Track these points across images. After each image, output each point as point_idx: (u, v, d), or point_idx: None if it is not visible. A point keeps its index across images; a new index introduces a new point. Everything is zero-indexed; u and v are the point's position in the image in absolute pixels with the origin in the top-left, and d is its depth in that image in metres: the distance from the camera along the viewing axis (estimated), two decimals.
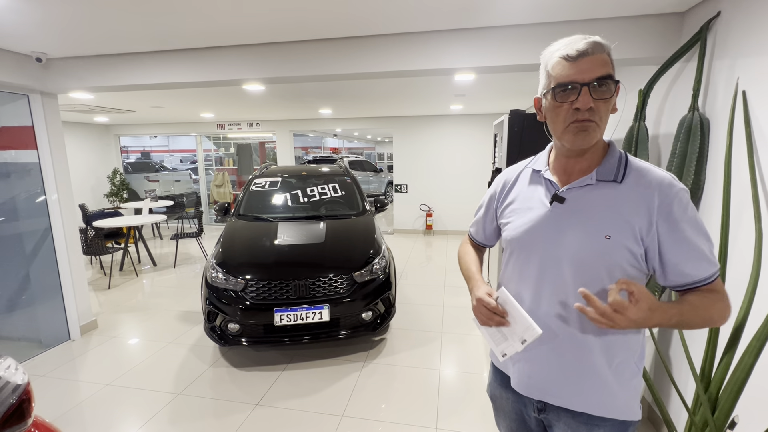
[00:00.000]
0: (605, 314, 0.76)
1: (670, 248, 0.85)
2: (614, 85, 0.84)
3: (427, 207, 7.32)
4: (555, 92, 0.86)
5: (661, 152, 2.12)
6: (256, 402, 2.42)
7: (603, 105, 0.84)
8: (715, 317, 0.85)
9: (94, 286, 4.60)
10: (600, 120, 0.85)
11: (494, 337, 1.00)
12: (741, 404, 1.31)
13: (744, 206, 1.50)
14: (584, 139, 0.86)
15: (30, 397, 1.12)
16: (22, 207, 3.08)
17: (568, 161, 0.95)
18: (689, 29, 1.95)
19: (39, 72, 2.91)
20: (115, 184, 7.90)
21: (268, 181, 3.89)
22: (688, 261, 0.85)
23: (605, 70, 0.82)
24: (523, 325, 0.92)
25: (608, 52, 0.84)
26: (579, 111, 0.83)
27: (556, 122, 0.89)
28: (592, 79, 0.82)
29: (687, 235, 0.84)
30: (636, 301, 0.76)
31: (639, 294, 0.76)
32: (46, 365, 2.88)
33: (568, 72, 0.83)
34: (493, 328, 0.99)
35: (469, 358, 2.91)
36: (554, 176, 0.97)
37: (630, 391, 0.94)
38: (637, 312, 0.75)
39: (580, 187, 0.91)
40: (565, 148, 0.92)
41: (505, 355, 0.97)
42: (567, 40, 0.85)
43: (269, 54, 2.60)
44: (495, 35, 2.29)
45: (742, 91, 1.52)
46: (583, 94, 0.82)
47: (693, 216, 0.85)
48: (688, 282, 0.86)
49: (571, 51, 0.83)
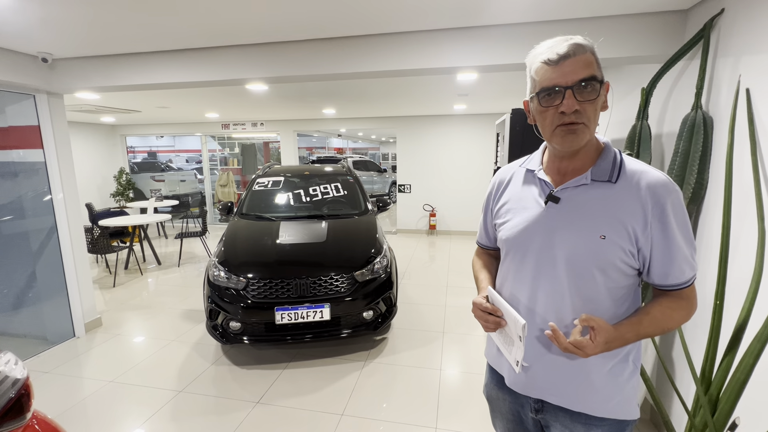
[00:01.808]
0: (568, 349, 0.84)
1: (660, 249, 0.86)
2: (600, 85, 0.83)
3: (431, 207, 7.31)
4: (540, 97, 0.86)
5: (664, 151, 2.10)
6: (256, 400, 2.43)
7: (589, 106, 0.83)
8: (672, 326, 0.90)
9: (99, 285, 4.65)
10: (588, 120, 0.84)
11: (506, 345, 0.98)
12: (742, 405, 1.29)
13: (747, 205, 1.48)
14: (573, 141, 0.86)
15: (29, 391, 1.14)
16: (29, 206, 3.12)
17: (562, 161, 0.95)
18: (692, 27, 1.93)
19: (45, 72, 2.95)
20: (121, 184, 7.98)
21: (270, 180, 3.91)
22: (673, 263, 0.87)
23: (588, 71, 0.82)
24: (513, 322, 0.92)
25: (591, 51, 0.84)
26: (565, 114, 0.83)
27: (544, 126, 0.89)
28: (575, 81, 0.81)
29: (677, 238, 0.85)
30: (594, 337, 0.83)
31: (598, 329, 0.83)
32: (51, 362, 2.91)
33: (550, 76, 0.83)
34: (500, 334, 0.99)
35: (470, 359, 2.90)
36: (548, 176, 0.96)
37: (628, 391, 0.94)
38: (594, 348, 0.83)
39: (574, 187, 0.91)
40: (557, 149, 0.92)
41: (519, 363, 0.92)
42: (549, 43, 0.85)
43: (272, 53, 2.62)
44: (497, 34, 2.29)
45: (746, 88, 1.50)
46: (567, 98, 0.82)
47: (684, 219, 0.86)
48: (669, 283, 0.89)
49: (552, 55, 0.82)
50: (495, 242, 1.14)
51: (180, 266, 5.36)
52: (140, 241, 5.70)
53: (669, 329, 0.90)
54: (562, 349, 0.85)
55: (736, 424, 1.22)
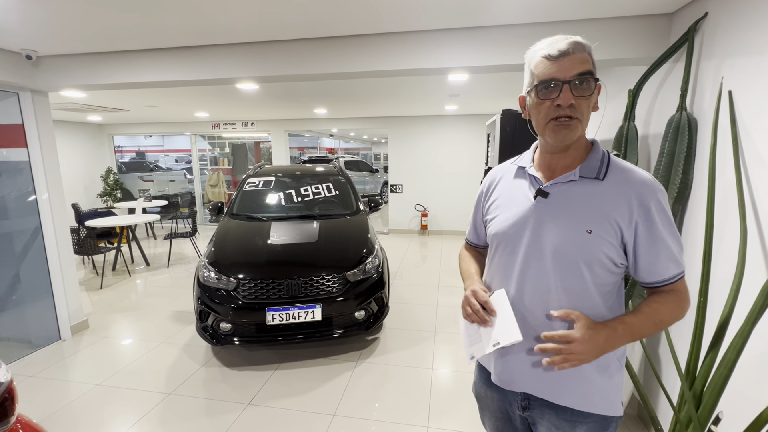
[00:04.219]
0: (562, 351, 0.85)
1: (645, 246, 0.89)
2: (594, 83, 0.87)
3: (422, 207, 7.33)
4: (537, 89, 0.89)
5: (650, 151, 2.14)
6: (247, 401, 2.41)
7: (584, 102, 0.87)
8: (663, 319, 0.90)
9: (86, 286, 4.57)
10: (581, 116, 0.88)
11: (471, 336, 1.01)
12: (725, 400, 1.32)
13: (730, 205, 1.51)
14: (566, 136, 0.89)
15: (13, 395, 1.11)
16: (12, 206, 3.05)
17: (552, 158, 0.97)
18: (677, 30, 1.97)
19: (29, 70, 2.89)
20: (109, 184, 7.85)
21: (261, 180, 3.88)
22: (658, 260, 0.89)
23: (585, 67, 0.86)
24: (505, 328, 0.92)
25: (589, 51, 0.88)
26: (560, 107, 0.87)
27: (539, 118, 0.92)
28: (572, 76, 0.85)
29: (662, 236, 0.88)
30: (575, 324, 0.86)
31: (576, 316, 0.86)
32: (36, 365, 2.85)
33: (549, 70, 0.87)
34: (474, 325, 1.00)
35: (462, 358, 2.92)
36: (538, 172, 0.99)
37: (612, 387, 0.96)
38: (579, 330, 0.85)
39: (563, 182, 0.94)
40: (549, 144, 0.94)
41: (473, 358, 1.01)
42: (549, 40, 0.89)
43: (263, 53, 2.60)
44: (489, 35, 2.30)
45: (729, 90, 1.54)
46: (564, 91, 0.86)
47: (669, 217, 0.89)
48: (655, 280, 0.91)
49: (553, 51, 0.86)
50: (484, 240, 1.16)
51: (169, 267, 5.29)
52: (128, 242, 5.61)
53: (661, 323, 0.90)
54: (555, 351, 0.85)
55: (720, 418, 1.24)
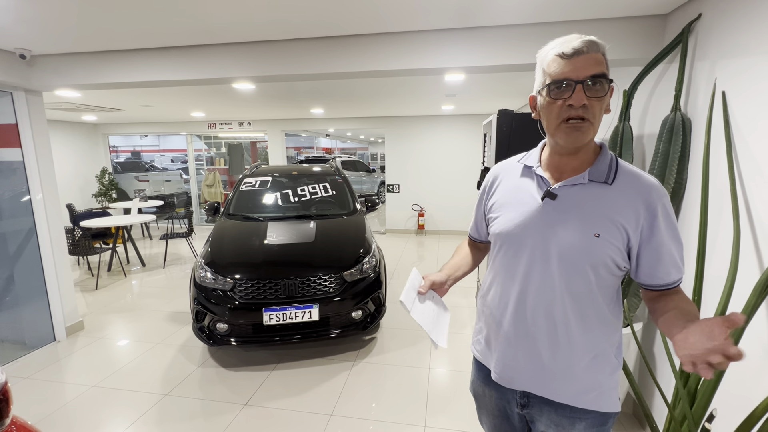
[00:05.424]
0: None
1: (648, 251, 0.89)
2: (608, 84, 0.85)
3: (419, 207, 7.34)
4: (550, 89, 0.87)
5: (645, 151, 2.15)
6: (244, 402, 2.40)
7: (597, 103, 0.85)
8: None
9: (81, 287, 4.53)
10: (593, 118, 0.86)
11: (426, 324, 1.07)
12: (718, 398, 1.34)
13: (724, 204, 1.53)
14: (577, 138, 0.87)
15: (8, 397, 1.11)
16: (6, 206, 3.03)
17: (561, 159, 0.95)
18: (672, 31, 1.99)
19: (23, 69, 2.86)
20: (104, 184, 7.79)
21: (258, 180, 3.87)
22: (660, 265, 0.90)
23: (599, 68, 0.84)
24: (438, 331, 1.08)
25: (603, 52, 0.86)
26: (572, 108, 0.84)
27: (550, 119, 0.90)
28: (586, 76, 0.83)
29: (665, 241, 0.88)
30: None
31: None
32: (31, 367, 2.83)
33: (563, 69, 0.84)
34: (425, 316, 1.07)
35: (459, 357, 2.93)
36: (546, 173, 0.97)
37: (610, 385, 0.96)
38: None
39: (572, 185, 0.93)
40: (559, 145, 0.92)
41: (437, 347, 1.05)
42: (563, 38, 0.86)
43: (259, 52, 2.59)
44: (486, 35, 2.31)
45: (722, 91, 1.55)
46: (576, 92, 0.83)
47: (673, 222, 0.90)
48: (655, 284, 0.92)
49: (567, 49, 0.84)
50: (485, 236, 1.17)
51: (165, 268, 5.26)
52: (124, 242, 5.58)
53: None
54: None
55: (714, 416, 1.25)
